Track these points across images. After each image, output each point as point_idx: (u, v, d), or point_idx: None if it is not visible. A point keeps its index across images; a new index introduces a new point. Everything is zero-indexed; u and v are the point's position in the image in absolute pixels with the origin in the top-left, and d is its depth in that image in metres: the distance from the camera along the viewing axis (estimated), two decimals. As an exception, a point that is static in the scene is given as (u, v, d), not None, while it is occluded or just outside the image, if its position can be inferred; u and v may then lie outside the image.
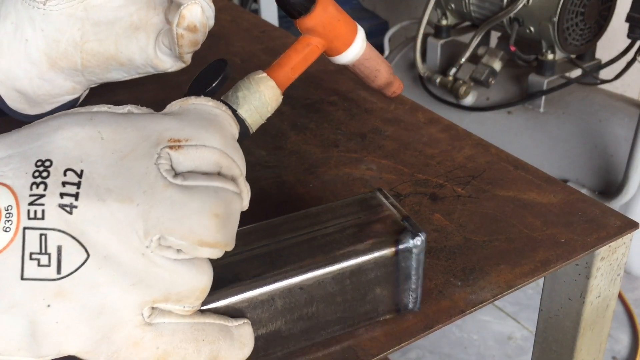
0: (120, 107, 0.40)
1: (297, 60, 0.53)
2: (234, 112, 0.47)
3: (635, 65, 1.61)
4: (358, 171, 0.69)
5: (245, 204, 0.41)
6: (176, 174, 0.37)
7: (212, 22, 0.59)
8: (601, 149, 1.62)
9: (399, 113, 0.80)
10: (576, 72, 1.74)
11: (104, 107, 0.40)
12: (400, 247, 0.46)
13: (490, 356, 1.58)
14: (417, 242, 0.47)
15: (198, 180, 0.37)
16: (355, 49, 0.54)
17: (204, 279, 0.38)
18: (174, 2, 0.59)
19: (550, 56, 1.68)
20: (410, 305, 0.50)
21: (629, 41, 1.60)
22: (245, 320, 0.43)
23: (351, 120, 0.79)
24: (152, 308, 0.37)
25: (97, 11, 0.61)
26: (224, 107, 0.41)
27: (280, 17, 2.34)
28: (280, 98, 0.51)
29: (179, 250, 0.37)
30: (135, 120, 0.38)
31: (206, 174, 0.38)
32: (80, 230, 0.34)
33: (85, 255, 0.35)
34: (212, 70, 0.50)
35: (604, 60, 1.74)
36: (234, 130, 0.41)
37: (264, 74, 0.52)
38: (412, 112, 0.80)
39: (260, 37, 1.06)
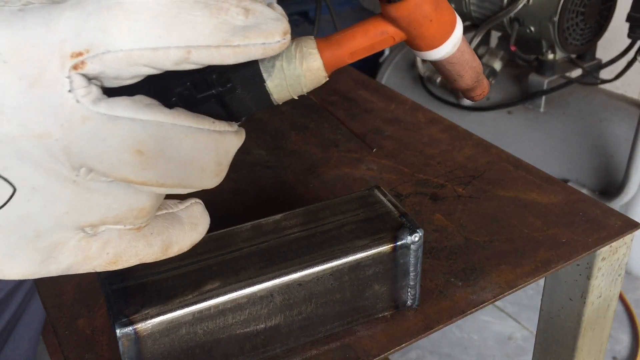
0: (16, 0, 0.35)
1: (362, 46, 0.42)
2: (262, 82, 0.40)
3: (636, 65, 1.61)
4: (358, 171, 0.69)
5: (212, 127, 0.37)
6: (99, 98, 0.33)
7: None
8: (601, 149, 1.62)
9: (399, 113, 0.80)
10: (576, 72, 1.74)
11: None
12: (398, 243, 0.47)
13: (490, 356, 1.58)
14: (414, 238, 0.47)
15: (124, 110, 0.34)
16: (437, 54, 0.43)
17: (142, 199, 0.37)
18: None
19: (550, 56, 1.67)
20: (409, 302, 0.50)
21: (629, 41, 1.60)
22: (194, 201, 0.42)
23: (351, 120, 0.79)
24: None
25: None
26: None
27: (280, 17, 2.33)
28: (323, 81, 0.42)
29: None
30: (30, 29, 0.33)
31: (138, 98, 0.34)
32: (3, 167, 0.33)
33: (11, 190, 0.34)
34: None
35: (605, 60, 1.74)
36: (150, 9, 0.34)
37: (314, 50, 0.41)
38: (412, 112, 0.80)
39: (260, 37, 1.06)
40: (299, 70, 0.41)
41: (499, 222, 0.60)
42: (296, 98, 0.43)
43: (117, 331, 0.40)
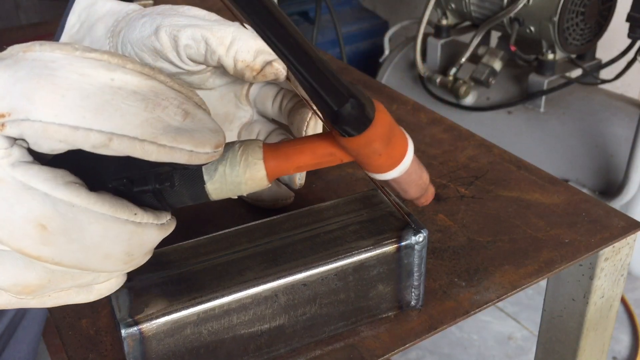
0: None
1: (308, 163, 0.42)
2: (202, 183, 0.39)
3: (636, 65, 1.61)
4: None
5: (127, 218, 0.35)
6: (20, 162, 0.33)
7: None
8: (601, 149, 1.62)
9: (401, 113, 0.80)
10: (576, 72, 1.74)
11: None
12: (403, 243, 0.47)
13: (490, 356, 1.58)
14: (419, 238, 0.47)
15: (40, 183, 0.33)
16: (383, 178, 0.43)
17: (30, 276, 0.36)
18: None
19: (550, 56, 1.67)
20: (413, 303, 0.50)
21: (629, 41, 1.60)
22: (114, 277, 0.39)
23: (353, 120, 0.79)
24: None
25: None
26: (74, 49, 0.34)
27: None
28: (264, 188, 0.42)
29: None
30: None
31: (61, 174, 0.34)
32: None
33: None
34: None
35: (605, 60, 1.74)
36: (84, 82, 0.34)
37: (260, 160, 0.41)
38: (414, 112, 0.80)
39: (262, 37, 1.06)
40: (241, 178, 0.40)
41: (502, 223, 0.60)
42: (235, 198, 0.44)
43: (123, 331, 0.40)
